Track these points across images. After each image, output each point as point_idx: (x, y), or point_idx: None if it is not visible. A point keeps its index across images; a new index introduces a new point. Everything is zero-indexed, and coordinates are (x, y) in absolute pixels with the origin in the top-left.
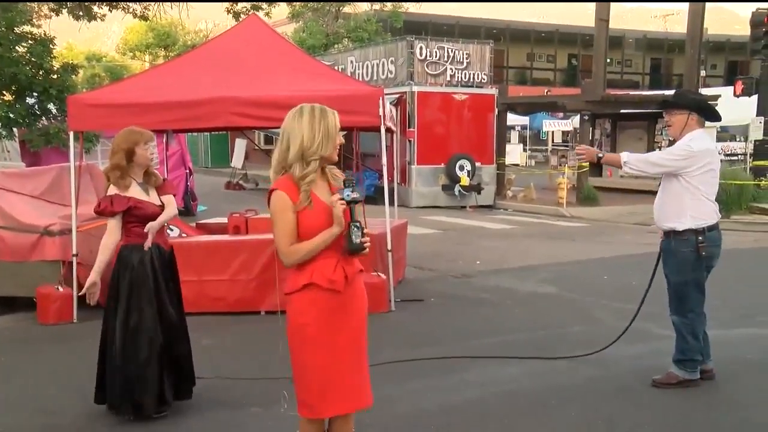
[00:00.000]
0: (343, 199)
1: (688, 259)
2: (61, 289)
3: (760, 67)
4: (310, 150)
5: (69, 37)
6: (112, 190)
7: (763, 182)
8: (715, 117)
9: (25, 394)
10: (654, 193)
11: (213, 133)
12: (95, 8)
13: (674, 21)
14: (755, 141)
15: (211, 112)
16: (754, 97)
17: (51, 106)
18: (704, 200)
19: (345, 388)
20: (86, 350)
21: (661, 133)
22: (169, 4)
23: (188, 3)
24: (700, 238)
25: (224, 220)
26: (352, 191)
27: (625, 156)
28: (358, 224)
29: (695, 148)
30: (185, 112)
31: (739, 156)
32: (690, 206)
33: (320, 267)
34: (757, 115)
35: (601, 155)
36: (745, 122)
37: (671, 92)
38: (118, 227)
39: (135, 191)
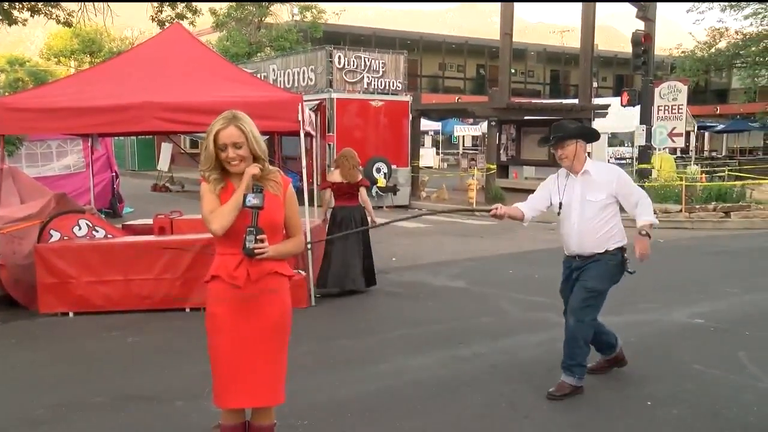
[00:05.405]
0: (244, 204)
1: (611, 271)
2: None
3: (641, 81)
4: (202, 157)
5: None
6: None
7: (646, 183)
8: (597, 137)
9: None
10: None
11: (140, 137)
12: (15, 12)
13: (570, 37)
14: (639, 146)
15: (137, 116)
16: (638, 107)
17: None
18: (620, 218)
19: (249, 384)
20: (8, 351)
21: None
22: (93, 11)
23: (112, 8)
24: (625, 255)
25: (150, 221)
26: (254, 197)
27: (649, 219)
28: (253, 230)
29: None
30: (110, 116)
31: (627, 160)
32: (619, 226)
33: (225, 262)
34: (640, 123)
35: (645, 234)
36: (632, 129)
37: (569, 100)
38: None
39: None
